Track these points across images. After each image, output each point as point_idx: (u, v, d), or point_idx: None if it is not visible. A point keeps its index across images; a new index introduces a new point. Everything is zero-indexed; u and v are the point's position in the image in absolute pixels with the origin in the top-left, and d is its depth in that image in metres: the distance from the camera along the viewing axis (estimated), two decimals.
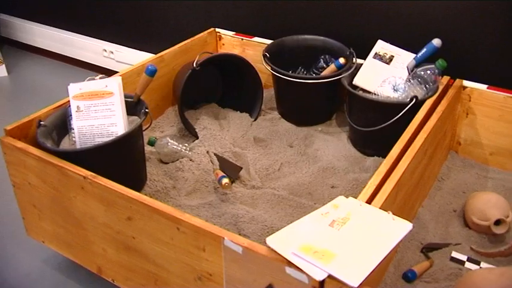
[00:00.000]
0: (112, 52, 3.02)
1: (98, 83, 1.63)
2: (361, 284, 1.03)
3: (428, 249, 1.57)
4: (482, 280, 1.29)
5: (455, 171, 1.92)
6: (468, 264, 1.52)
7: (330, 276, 1.05)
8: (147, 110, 1.65)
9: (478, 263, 1.53)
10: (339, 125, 2.09)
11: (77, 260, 1.63)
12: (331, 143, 1.96)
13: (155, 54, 2.15)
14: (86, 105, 1.61)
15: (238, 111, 2.14)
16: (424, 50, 1.87)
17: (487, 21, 1.91)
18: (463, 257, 1.55)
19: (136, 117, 1.70)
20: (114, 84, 1.62)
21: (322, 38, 2.16)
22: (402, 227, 1.17)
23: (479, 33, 1.95)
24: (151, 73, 1.70)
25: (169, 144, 1.84)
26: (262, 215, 1.60)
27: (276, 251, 1.13)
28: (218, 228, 1.22)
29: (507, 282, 1.27)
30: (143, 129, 1.71)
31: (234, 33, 2.40)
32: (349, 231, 1.16)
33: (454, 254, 1.56)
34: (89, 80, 1.66)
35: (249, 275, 1.20)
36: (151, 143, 1.88)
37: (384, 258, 1.10)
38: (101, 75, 1.73)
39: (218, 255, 1.23)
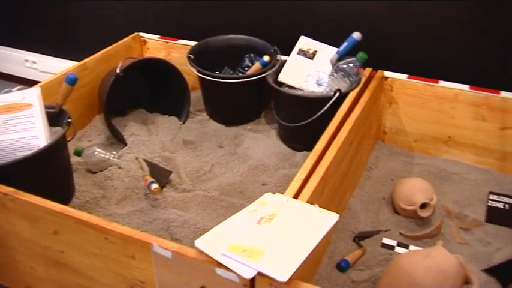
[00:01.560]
0: (35, 62, 2.92)
1: (15, 95, 1.57)
2: (290, 278, 1.04)
3: (360, 238, 1.60)
4: (409, 262, 1.34)
5: (383, 160, 1.97)
6: (398, 249, 1.57)
7: (259, 274, 1.06)
8: (69, 120, 1.61)
9: (407, 246, 1.58)
10: (268, 122, 2.11)
11: (4, 283, 1.56)
12: (261, 141, 1.97)
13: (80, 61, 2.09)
14: (3, 119, 1.55)
15: (167, 115, 2.11)
16: (345, 43, 1.91)
17: (404, 13, 1.98)
18: (393, 242, 1.60)
19: (59, 128, 1.65)
20: (32, 95, 1.56)
21: (246, 37, 2.17)
22: (329, 219, 1.19)
23: (397, 25, 2.01)
24: (72, 82, 1.66)
25: (96, 153, 1.80)
26: (194, 218, 1.59)
27: (205, 253, 1.12)
28: (147, 235, 1.20)
29: (431, 262, 1.32)
30: (67, 139, 1.66)
31: (158, 36, 2.38)
32: (276, 227, 1.16)
33: (385, 240, 1.60)
34: (5, 92, 1.60)
35: (181, 279, 1.19)
36: (78, 153, 1.83)
37: (312, 251, 1.12)
38: (18, 87, 1.67)
39: (149, 262, 1.21)
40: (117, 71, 1.90)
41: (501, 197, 1.79)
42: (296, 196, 1.28)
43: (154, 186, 1.61)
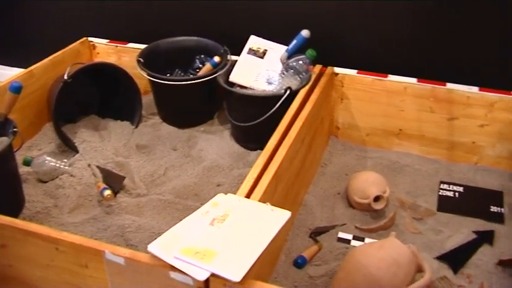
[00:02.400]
0: None
1: None
2: (244, 277, 1.04)
3: (316, 234, 1.62)
4: (363, 255, 1.36)
5: (336, 155, 1.99)
6: (354, 242, 1.59)
7: (213, 275, 1.06)
8: (15, 130, 1.57)
9: (362, 239, 1.60)
10: (221, 123, 2.11)
11: None
12: (214, 142, 1.96)
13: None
14: None
15: (119, 120, 2.08)
16: (294, 41, 1.93)
17: (351, 10, 2.01)
18: (349, 236, 1.61)
19: (5, 138, 1.61)
20: None
21: (196, 38, 2.16)
22: (281, 216, 1.20)
23: (345, 21, 2.04)
24: (16, 90, 1.62)
25: (46, 161, 1.76)
26: (149, 223, 1.57)
27: (158, 257, 1.11)
28: (98, 243, 1.18)
29: (385, 254, 1.34)
30: (15, 149, 1.62)
31: (107, 41, 2.34)
32: (229, 227, 1.16)
33: (341, 235, 1.62)
34: None
35: (135, 285, 1.17)
36: (27, 163, 1.78)
37: (265, 249, 1.12)
38: None
39: (102, 270, 1.19)
40: (65, 77, 1.86)
41: (451, 185, 1.84)
42: (248, 195, 1.28)
43: (107, 192, 1.59)
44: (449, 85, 1.89)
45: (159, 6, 2.28)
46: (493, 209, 1.74)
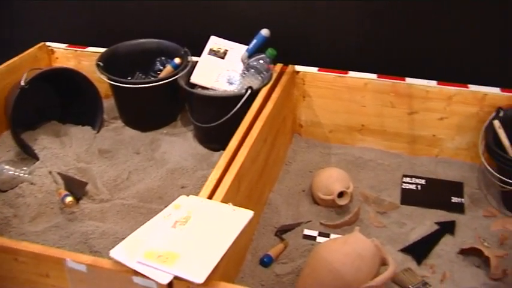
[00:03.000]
0: None
1: None
2: (207, 278, 1.04)
3: (282, 232, 1.62)
4: (327, 251, 1.37)
5: (300, 153, 2.00)
6: (319, 239, 1.60)
7: (176, 278, 1.05)
8: None
9: (327, 235, 1.61)
10: (184, 125, 2.10)
11: None
12: (178, 144, 1.95)
13: None
14: None
15: (80, 125, 2.05)
16: (255, 41, 1.93)
17: (310, 8, 2.02)
18: (314, 233, 1.63)
19: None
20: None
21: (156, 40, 2.14)
22: (244, 216, 1.20)
23: (304, 20, 2.05)
24: None
25: (5, 170, 1.73)
26: (113, 228, 1.55)
27: (121, 263, 1.10)
28: (59, 251, 1.17)
29: (349, 248, 1.36)
30: None
31: (66, 45, 2.30)
32: (191, 229, 1.16)
33: (306, 232, 1.63)
34: None
35: None
36: None
37: (229, 250, 1.12)
38: None
39: (64, 279, 1.17)
40: (22, 83, 1.82)
41: (413, 178, 1.87)
42: (211, 196, 1.28)
43: (69, 199, 1.56)
44: (409, 80, 1.92)
45: (118, 9, 2.25)
46: (454, 199, 1.78)
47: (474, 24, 1.89)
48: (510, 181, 1.63)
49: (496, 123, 1.77)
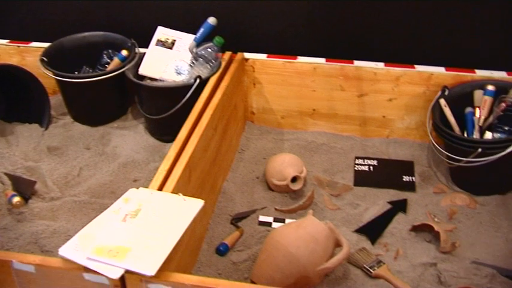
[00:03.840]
0: None
1: None
2: (159, 270, 1.03)
3: (237, 220, 1.62)
4: (282, 235, 1.38)
5: (253, 140, 2.00)
6: (275, 224, 1.61)
7: (127, 272, 1.04)
8: None
9: (283, 221, 1.62)
10: (135, 117, 2.07)
11: None
12: (129, 137, 1.93)
13: None
14: None
15: (27, 123, 2.00)
16: (202, 30, 1.91)
17: None
18: (270, 219, 1.63)
19: None
20: None
21: (102, 33, 2.10)
22: (194, 206, 1.20)
23: (251, 7, 2.03)
24: None
25: None
26: (64, 226, 1.52)
27: (70, 260, 1.08)
28: (4, 253, 1.14)
29: (303, 232, 1.37)
30: None
31: (8, 41, 2.23)
32: (141, 222, 1.14)
33: (261, 218, 1.64)
34: None
35: None
36: None
37: (180, 240, 1.11)
38: None
39: (11, 282, 1.14)
40: None
41: (365, 160, 1.89)
42: (161, 188, 1.27)
43: (16, 199, 1.53)
44: (357, 63, 1.95)
45: (62, 2, 2.19)
46: (406, 178, 1.81)
47: (418, 5, 1.91)
48: (457, 158, 1.67)
49: (442, 101, 1.81)
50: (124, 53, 1.97)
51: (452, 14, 1.91)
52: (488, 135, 1.74)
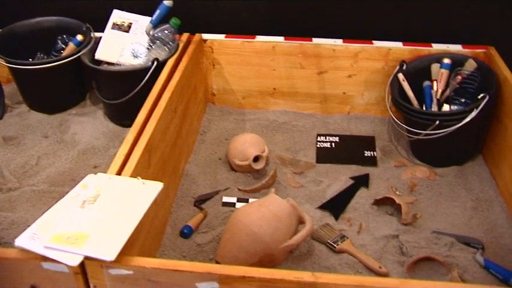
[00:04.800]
0: None
1: None
2: (119, 254, 1.02)
3: (200, 202, 1.62)
4: (244, 215, 1.38)
5: (215, 122, 1.99)
6: (238, 205, 1.61)
7: (87, 258, 1.02)
8: None
9: (246, 201, 1.62)
10: (93, 103, 2.03)
11: None
12: (88, 124, 1.89)
13: None
14: None
15: None
16: (158, 11, 1.88)
17: None
18: (233, 199, 1.63)
19: None
20: None
21: (55, 18, 2.04)
22: (153, 189, 1.18)
23: None
24: None
25: None
26: (23, 216, 1.49)
27: (28, 250, 1.06)
28: None
29: (265, 210, 1.38)
30: None
31: None
32: (100, 207, 1.13)
33: (225, 199, 1.63)
34: None
35: (7, 285, 1.11)
36: None
37: (140, 224, 1.10)
38: None
39: None
40: None
41: (327, 137, 1.90)
42: (119, 172, 1.25)
43: None
44: (316, 40, 1.95)
45: None
46: (367, 153, 1.83)
47: None
48: (416, 131, 1.70)
49: (400, 76, 1.82)
50: (79, 37, 1.92)
51: None
52: (446, 107, 1.77)
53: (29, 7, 2.12)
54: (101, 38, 1.92)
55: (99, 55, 1.89)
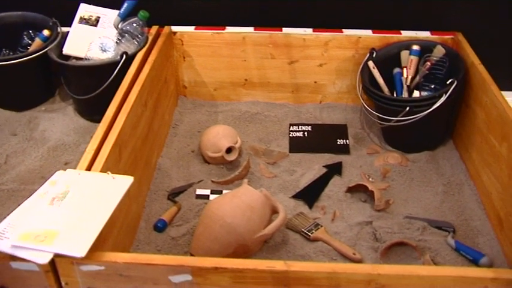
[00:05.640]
0: None
1: None
2: (90, 251, 1.01)
3: (174, 195, 1.61)
4: (218, 206, 1.38)
5: (187, 115, 1.98)
6: (212, 197, 1.60)
7: (57, 256, 1.01)
8: None
9: (220, 192, 1.62)
10: (63, 99, 2.00)
11: None
12: (58, 120, 1.87)
13: None
14: None
15: None
16: (125, 4, 1.86)
17: None
18: (207, 192, 1.63)
19: None
20: None
21: (20, 13, 2.00)
22: (123, 183, 1.17)
23: None
24: None
25: None
26: None
27: None
28: None
29: (238, 201, 1.37)
30: None
31: None
32: (70, 204, 1.11)
33: (199, 191, 1.63)
34: None
35: None
36: None
37: (112, 219, 1.09)
38: None
39: None
40: None
41: (300, 126, 1.91)
42: (89, 168, 1.23)
43: None
44: (286, 30, 1.95)
45: None
46: (340, 141, 1.84)
47: None
48: (387, 118, 1.71)
49: (370, 63, 1.83)
50: (46, 32, 1.89)
51: None
52: (416, 94, 1.79)
53: None
54: (68, 32, 1.89)
55: (67, 50, 1.86)
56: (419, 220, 1.49)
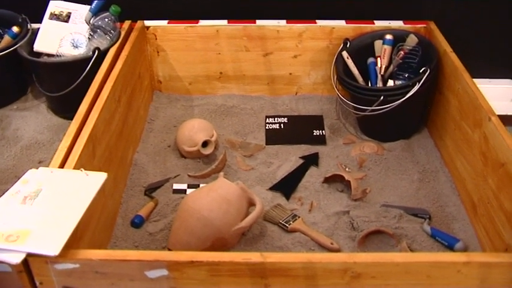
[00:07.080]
0: None
1: None
2: (64, 249, 1.00)
3: (151, 190, 1.60)
4: (194, 200, 1.37)
5: (162, 109, 1.97)
6: (189, 191, 1.60)
7: (30, 255, 1.00)
8: None
9: (197, 187, 1.61)
10: (36, 97, 1.97)
11: None
12: (31, 118, 1.84)
13: None
14: None
15: None
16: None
17: None
18: (184, 186, 1.62)
19: None
20: None
21: None
22: (97, 179, 1.16)
23: None
24: None
25: None
26: None
27: None
28: None
29: (215, 194, 1.37)
30: None
31: None
32: (42, 202, 1.10)
33: (176, 186, 1.62)
34: None
35: None
36: None
37: (87, 216, 1.08)
38: None
39: None
40: None
41: (276, 118, 1.91)
42: (62, 165, 1.22)
43: None
44: (259, 22, 1.94)
45: None
46: (316, 132, 1.85)
47: None
48: (362, 107, 1.72)
49: (345, 54, 1.84)
50: (15, 29, 1.86)
51: None
52: (390, 83, 1.80)
53: None
54: (38, 29, 1.86)
55: (38, 47, 1.83)
56: (396, 208, 1.50)
